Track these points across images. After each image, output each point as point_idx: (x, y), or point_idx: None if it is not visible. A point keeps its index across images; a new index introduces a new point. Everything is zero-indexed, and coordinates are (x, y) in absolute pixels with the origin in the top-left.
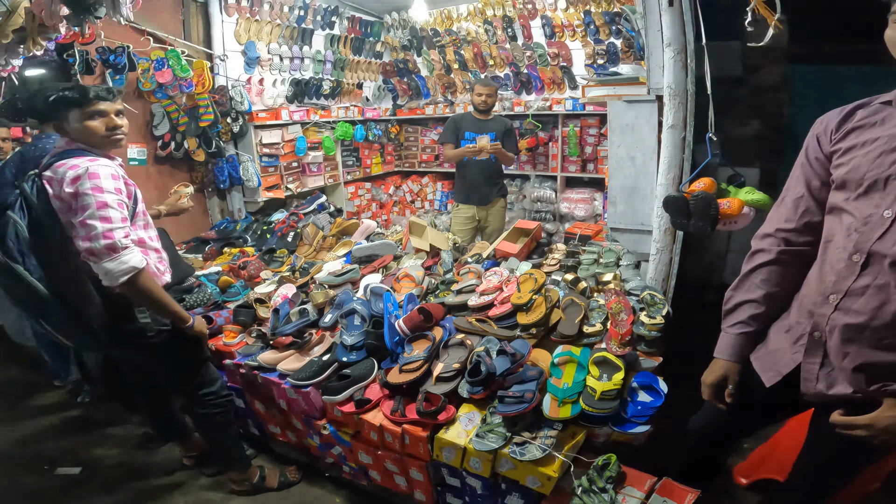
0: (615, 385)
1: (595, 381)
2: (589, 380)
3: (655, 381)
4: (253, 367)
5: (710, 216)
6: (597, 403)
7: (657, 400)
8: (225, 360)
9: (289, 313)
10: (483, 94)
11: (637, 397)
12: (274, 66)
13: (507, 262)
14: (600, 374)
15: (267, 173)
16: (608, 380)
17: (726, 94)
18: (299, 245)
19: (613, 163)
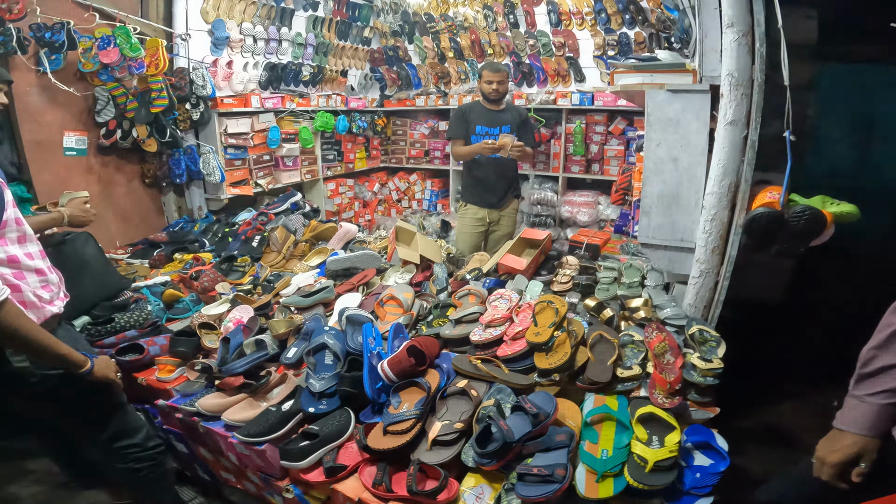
0: (671, 452)
1: (644, 448)
2: (635, 445)
3: (712, 438)
4: (191, 413)
5: (812, 237)
6: (648, 478)
7: (719, 463)
8: (158, 399)
9: (241, 344)
10: (494, 81)
11: (693, 460)
12: (246, 47)
13: (513, 282)
14: (649, 437)
15: (233, 167)
16: (660, 444)
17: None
18: (265, 252)
19: (650, 165)
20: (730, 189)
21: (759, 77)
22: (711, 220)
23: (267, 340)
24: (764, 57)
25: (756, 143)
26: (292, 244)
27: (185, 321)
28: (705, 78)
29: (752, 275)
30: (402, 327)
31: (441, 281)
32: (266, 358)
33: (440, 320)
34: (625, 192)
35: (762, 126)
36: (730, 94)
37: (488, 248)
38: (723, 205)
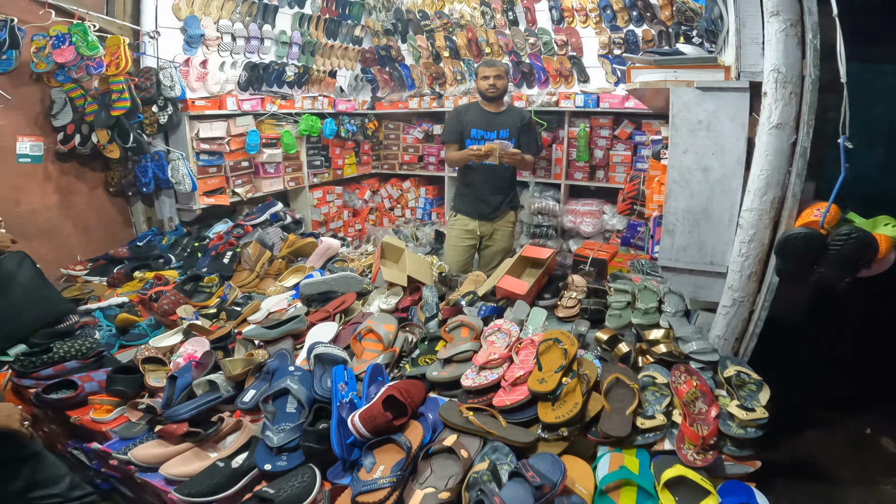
0: None
1: None
2: None
3: (753, 498)
4: (126, 462)
5: (861, 263)
6: None
7: None
8: (92, 442)
9: (191, 384)
10: (490, 77)
11: None
12: (224, 46)
13: (513, 310)
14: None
15: (207, 174)
16: None
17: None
18: (237, 270)
19: (675, 175)
20: (773, 205)
21: (813, 73)
22: (749, 242)
23: (220, 381)
24: (818, 50)
25: (808, 150)
26: (267, 261)
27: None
28: (744, 74)
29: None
30: (381, 368)
31: (431, 307)
32: (219, 401)
33: (427, 357)
34: (633, 202)
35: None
36: (775, 92)
37: (481, 264)
38: (764, 223)
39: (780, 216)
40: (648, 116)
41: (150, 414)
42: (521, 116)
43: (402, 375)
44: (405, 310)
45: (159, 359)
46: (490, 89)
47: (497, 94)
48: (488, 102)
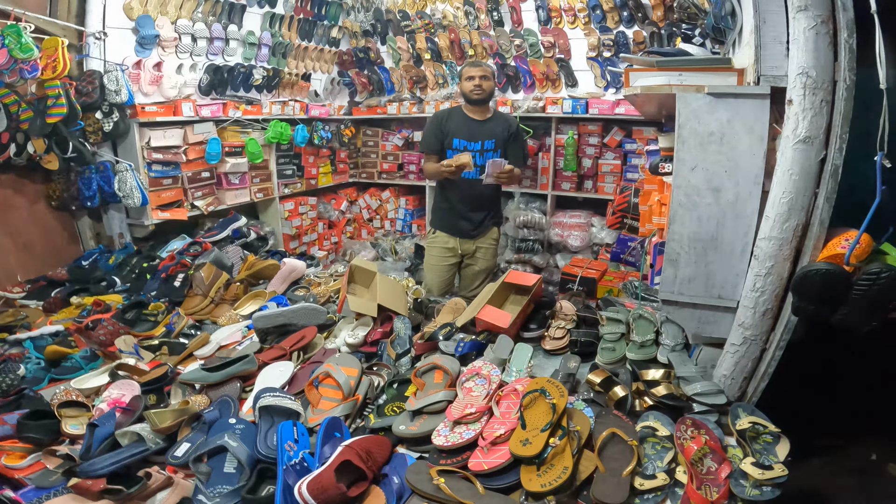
0: None
1: None
2: None
3: None
4: None
5: (892, 306)
6: None
7: None
8: (4, 489)
9: (112, 434)
10: (475, 77)
11: None
12: (182, 47)
13: (495, 346)
14: None
15: (161, 186)
16: None
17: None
18: (188, 295)
19: (681, 197)
20: (795, 233)
21: (848, 78)
22: (766, 276)
23: (147, 433)
24: (854, 51)
25: (839, 169)
26: (223, 285)
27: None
28: (764, 78)
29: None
30: (339, 422)
31: (403, 341)
32: (147, 454)
33: (395, 405)
34: (623, 215)
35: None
36: (804, 100)
37: (462, 285)
38: (784, 255)
39: (802, 246)
40: (639, 123)
41: (69, 462)
42: (508, 125)
43: (366, 427)
44: (375, 343)
45: (81, 403)
46: (475, 91)
47: (483, 97)
48: (473, 107)
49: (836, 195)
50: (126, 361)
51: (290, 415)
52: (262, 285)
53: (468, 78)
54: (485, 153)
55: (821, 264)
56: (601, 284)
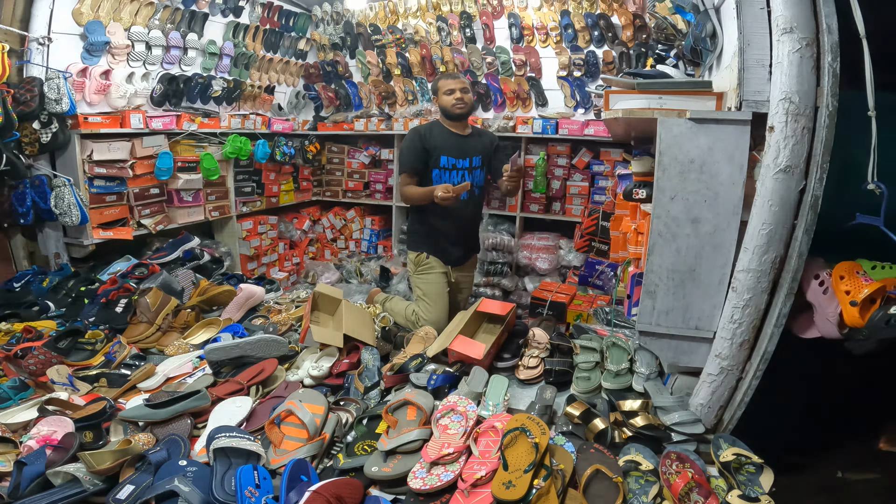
0: None
1: None
2: None
3: None
4: None
5: None
6: None
7: None
8: None
9: (43, 474)
10: (456, 90)
11: None
12: (135, 55)
13: (468, 380)
14: None
15: (104, 203)
16: None
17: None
18: (132, 322)
19: (660, 227)
20: (773, 266)
21: (831, 104)
22: (744, 308)
23: (83, 474)
24: (837, 76)
25: (819, 200)
26: (171, 312)
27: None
28: (746, 103)
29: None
30: (306, 465)
31: (371, 373)
32: (84, 496)
33: (366, 444)
34: (591, 238)
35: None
36: (785, 127)
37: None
38: (762, 287)
39: (779, 278)
40: (606, 144)
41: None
42: (491, 139)
43: (334, 468)
44: (341, 375)
45: (7, 438)
46: (458, 105)
47: (465, 111)
48: (454, 122)
49: (814, 227)
50: (57, 395)
51: (249, 456)
52: (216, 312)
53: (447, 91)
54: (473, 170)
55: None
56: (571, 308)
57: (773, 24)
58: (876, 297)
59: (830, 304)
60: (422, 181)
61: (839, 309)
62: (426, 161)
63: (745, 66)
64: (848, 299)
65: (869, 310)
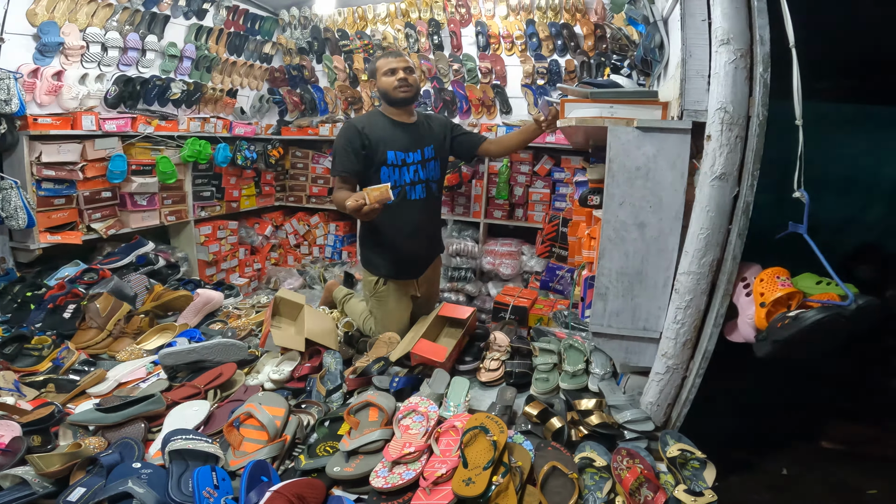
0: None
1: None
2: None
3: None
4: None
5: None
6: None
7: None
8: None
9: None
10: (398, 69)
11: None
12: (90, 56)
13: (430, 381)
14: None
15: (52, 206)
16: None
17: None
18: (81, 328)
19: (610, 232)
20: (711, 268)
21: (761, 114)
22: (686, 308)
23: (31, 476)
24: (768, 86)
25: (751, 206)
26: (123, 318)
27: None
28: (687, 113)
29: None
30: (266, 466)
31: (333, 376)
32: (33, 498)
33: (328, 445)
34: (552, 244)
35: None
36: (721, 136)
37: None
38: (701, 288)
39: (717, 280)
40: (567, 152)
41: None
42: (443, 123)
43: (296, 469)
44: (303, 378)
45: None
46: (401, 87)
47: (410, 95)
48: (398, 110)
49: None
50: (3, 400)
51: (207, 458)
52: (172, 317)
53: (388, 72)
54: (427, 163)
55: (820, 312)
56: (532, 313)
57: (713, 35)
58: (791, 303)
59: (750, 307)
60: (365, 183)
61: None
62: (368, 160)
63: (686, 76)
64: (759, 301)
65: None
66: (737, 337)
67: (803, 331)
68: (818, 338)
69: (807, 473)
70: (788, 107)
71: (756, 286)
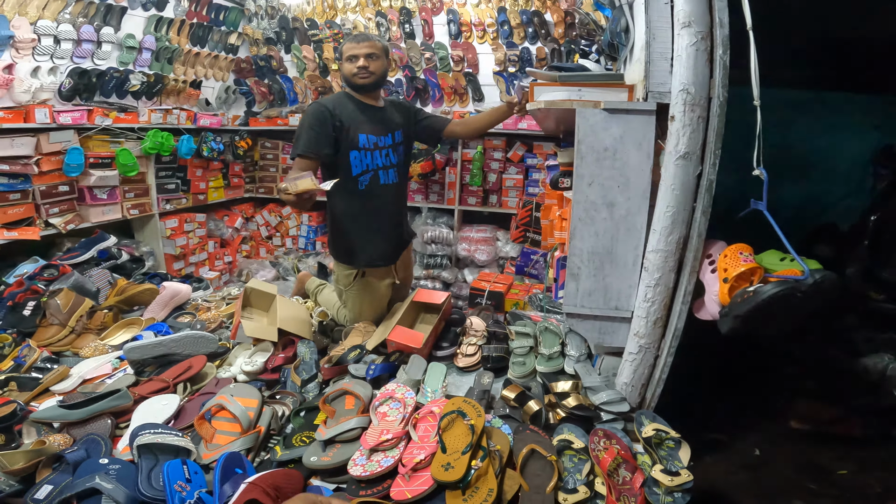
0: None
1: None
2: None
3: None
4: None
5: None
6: None
7: None
8: None
9: None
10: (360, 56)
11: None
12: (42, 49)
13: (407, 367)
14: None
15: (7, 202)
16: None
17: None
18: (41, 325)
19: (580, 212)
20: (678, 246)
21: (721, 94)
22: (655, 286)
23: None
24: (727, 68)
25: (713, 184)
26: (86, 313)
27: None
28: (652, 95)
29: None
30: (240, 458)
31: (308, 366)
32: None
33: (304, 435)
34: (526, 229)
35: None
36: (684, 116)
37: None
38: (669, 266)
39: (684, 257)
40: (539, 138)
41: None
42: (408, 109)
43: (272, 461)
44: (277, 369)
45: None
46: (360, 74)
47: (370, 82)
48: (363, 93)
49: (710, 209)
50: None
51: (178, 452)
52: (138, 312)
53: (350, 58)
54: (397, 147)
55: (779, 284)
56: (508, 297)
57: (675, 18)
58: (753, 279)
59: (715, 284)
60: (331, 168)
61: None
62: (335, 142)
63: (650, 58)
64: (723, 276)
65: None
66: (704, 315)
67: (760, 305)
68: (776, 313)
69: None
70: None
71: (720, 262)
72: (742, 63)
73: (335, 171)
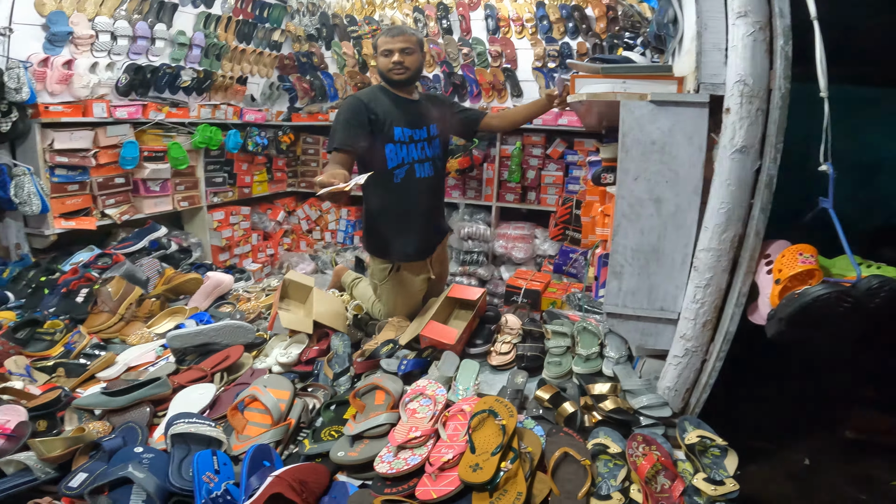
0: None
1: None
2: None
3: None
4: None
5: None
6: None
7: None
8: None
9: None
10: (394, 51)
11: None
12: (100, 45)
13: (440, 363)
14: None
15: (66, 193)
16: None
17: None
18: (92, 312)
19: (624, 208)
20: (732, 244)
21: (783, 86)
22: (706, 287)
23: (34, 462)
24: (789, 59)
25: (774, 179)
26: (135, 301)
27: None
28: (704, 86)
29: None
30: (268, 450)
31: (341, 359)
32: (35, 484)
33: (333, 429)
34: (565, 227)
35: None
36: (740, 108)
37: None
38: (722, 266)
39: (738, 256)
40: (580, 135)
41: None
42: (444, 102)
43: (300, 454)
44: (310, 362)
45: None
46: (395, 70)
47: (405, 78)
48: (397, 87)
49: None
50: (11, 385)
51: (210, 443)
52: (183, 301)
53: (385, 52)
54: (432, 141)
55: (821, 288)
56: (545, 296)
57: (729, 8)
58: (811, 282)
59: (769, 286)
60: (367, 160)
61: None
62: (370, 134)
63: (702, 49)
64: (776, 278)
65: None
66: (757, 318)
67: (803, 307)
68: (823, 318)
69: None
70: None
71: (776, 263)
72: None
73: (371, 165)
